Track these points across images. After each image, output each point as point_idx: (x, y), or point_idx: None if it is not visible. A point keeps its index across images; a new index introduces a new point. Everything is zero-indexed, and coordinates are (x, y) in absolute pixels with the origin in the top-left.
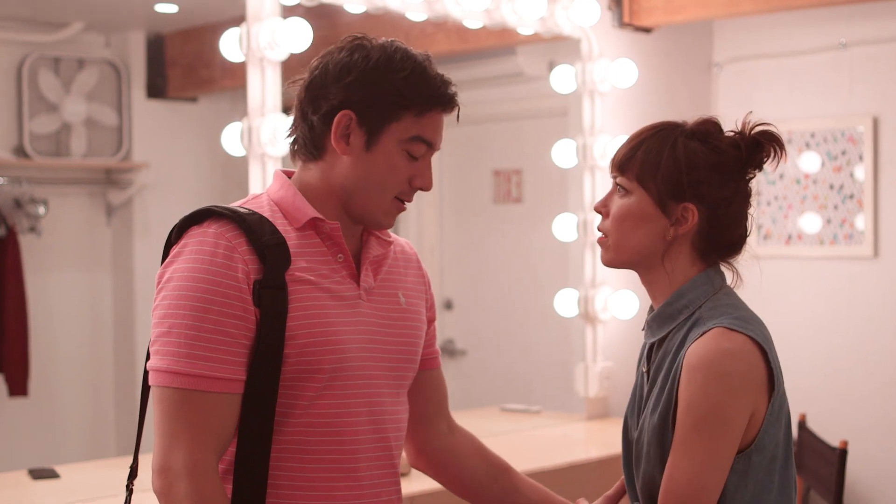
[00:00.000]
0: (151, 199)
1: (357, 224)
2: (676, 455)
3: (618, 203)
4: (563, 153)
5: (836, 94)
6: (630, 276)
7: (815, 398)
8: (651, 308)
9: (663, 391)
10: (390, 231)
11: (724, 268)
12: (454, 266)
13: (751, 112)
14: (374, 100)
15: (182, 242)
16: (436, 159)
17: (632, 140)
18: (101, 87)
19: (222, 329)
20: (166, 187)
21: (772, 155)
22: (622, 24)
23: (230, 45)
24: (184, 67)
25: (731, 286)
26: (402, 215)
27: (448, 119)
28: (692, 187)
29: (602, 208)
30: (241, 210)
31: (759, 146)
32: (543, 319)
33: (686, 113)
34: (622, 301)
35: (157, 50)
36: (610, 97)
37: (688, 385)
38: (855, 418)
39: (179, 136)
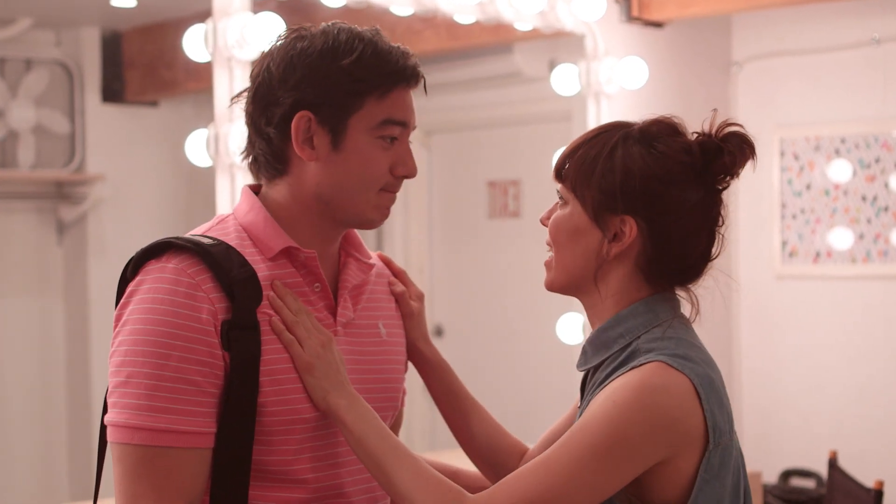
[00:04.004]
0: (108, 215)
1: (346, 228)
2: (542, 461)
3: (554, 215)
4: None
5: (868, 95)
6: None
7: (846, 434)
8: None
9: None
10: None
11: (680, 296)
12: (445, 288)
13: (715, 110)
14: (329, 93)
15: (138, 279)
16: (424, 170)
17: (573, 144)
18: (51, 91)
19: (186, 377)
20: (124, 202)
21: (741, 162)
22: (631, 18)
23: (195, 44)
24: (143, 68)
25: (689, 318)
26: (387, 232)
27: (433, 121)
28: (627, 198)
29: (546, 220)
30: (204, 241)
31: (721, 152)
32: (544, 347)
33: (702, 117)
34: None
35: (113, 49)
36: (617, 100)
37: (599, 401)
38: (891, 456)
39: (138, 144)
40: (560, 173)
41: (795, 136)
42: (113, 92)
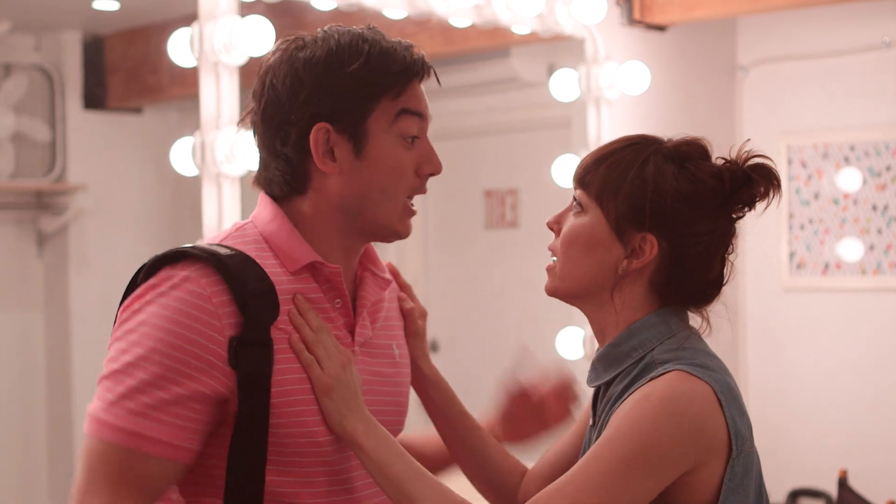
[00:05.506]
0: (90, 226)
1: (370, 240)
2: (571, 480)
3: (570, 222)
4: (565, 170)
5: (878, 101)
6: None
7: (857, 452)
8: (597, 350)
9: None
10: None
11: (691, 313)
12: (440, 301)
13: (748, 140)
14: (344, 101)
15: (150, 283)
16: None
17: (599, 151)
18: (31, 97)
19: (177, 391)
20: (107, 212)
21: (766, 194)
22: (632, 21)
23: (180, 48)
24: (126, 74)
25: (699, 333)
26: (381, 243)
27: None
28: (655, 216)
29: (555, 224)
30: (222, 251)
31: (749, 182)
32: (544, 362)
33: (706, 123)
34: None
35: (95, 54)
36: (618, 105)
37: (623, 410)
38: None
39: (121, 152)
40: (583, 180)
41: (803, 143)
42: (95, 98)
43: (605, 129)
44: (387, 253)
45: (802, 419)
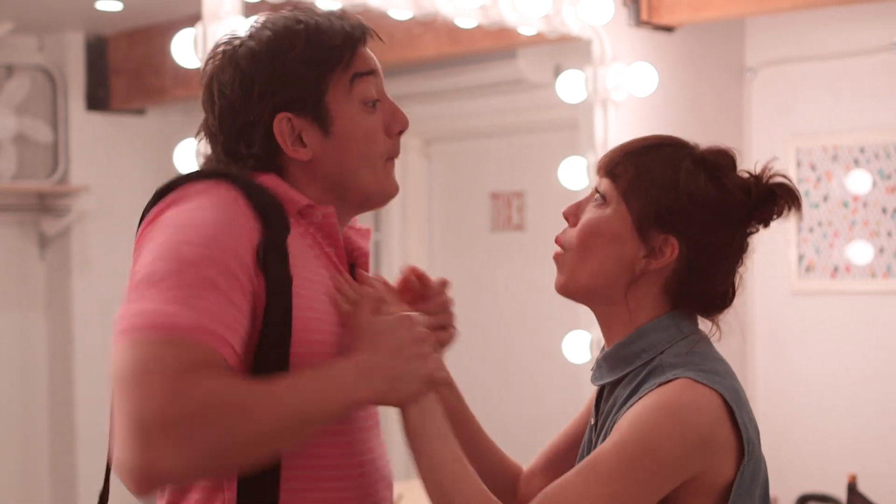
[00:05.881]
0: (92, 228)
1: (365, 209)
2: (571, 485)
3: (590, 212)
4: (572, 172)
5: (888, 103)
6: None
7: (866, 456)
8: (603, 348)
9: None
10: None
11: (701, 318)
12: None
13: (776, 158)
14: (297, 86)
15: (170, 198)
16: (424, 180)
17: (631, 146)
18: (33, 98)
19: (238, 293)
20: (109, 214)
21: (783, 213)
22: (640, 22)
23: (183, 49)
24: (129, 75)
25: (708, 337)
26: (385, 245)
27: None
28: (682, 219)
29: (572, 215)
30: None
31: (773, 198)
32: (550, 366)
33: (714, 125)
34: None
35: (98, 55)
36: (625, 107)
37: (630, 416)
38: None
39: (124, 154)
40: (613, 171)
41: (812, 145)
42: (98, 99)
43: (613, 130)
44: (391, 254)
45: (811, 423)
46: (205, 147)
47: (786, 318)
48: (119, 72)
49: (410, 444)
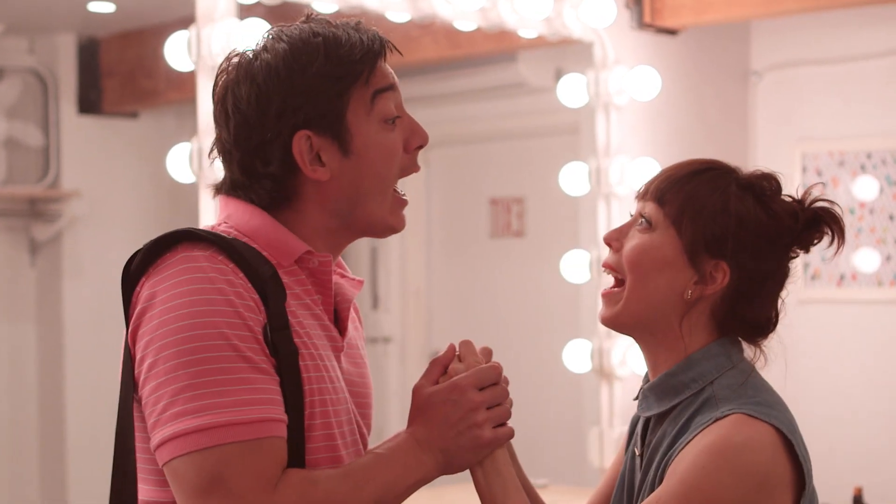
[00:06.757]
0: (84, 234)
1: (362, 236)
2: None
3: (636, 239)
4: (573, 178)
5: None
6: None
7: (873, 468)
8: (646, 378)
9: (656, 479)
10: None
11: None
12: (444, 311)
13: (822, 184)
14: (318, 103)
15: (161, 277)
16: (422, 186)
17: (677, 171)
18: (24, 101)
19: (255, 364)
20: (101, 220)
21: (826, 239)
22: (642, 25)
23: (177, 52)
24: (122, 77)
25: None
26: (383, 252)
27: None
28: (733, 245)
29: (615, 241)
30: (223, 235)
31: (817, 223)
32: (550, 376)
33: (718, 130)
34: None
35: (90, 57)
36: (628, 111)
37: (686, 462)
38: None
39: (117, 158)
40: (662, 198)
41: (818, 150)
42: (90, 102)
43: (614, 135)
44: (389, 261)
45: (816, 434)
46: (216, 163)
47: (791, 327)
48: (111, 74)
49: (481, 500)
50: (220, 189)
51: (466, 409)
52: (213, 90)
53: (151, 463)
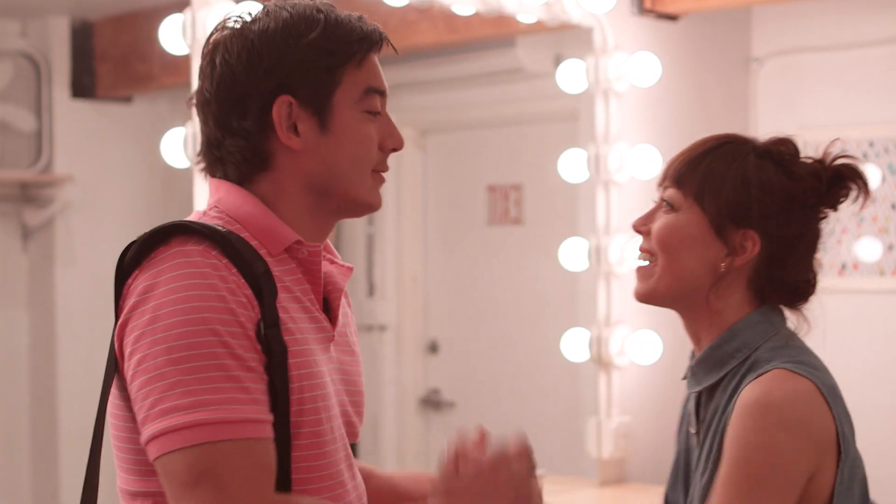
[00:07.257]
0: (77, 219)
1: (343, 217)
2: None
3: (662, 220)
4: (572, 165)
5: None
6: (652, 313)
7: (878, 462)
8: (692, 354)
9: (712, 450)
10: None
11: (787, 312)
12: (441, 300)
13: (838, 139)
14: (307, 71)
15: (155, 272)
16: (419, 172)
17: (692, 151)
18: (16, 85)
19: (247, 364)
20: (94, 205)
21: (851, 194)
22: (643, 10)
23: (172, 35)
24: (116, 61)
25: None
26: (378, 239)
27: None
28: (758, 213)
29: (642, 226)
30: (218, 227)
31: (841, 180)
32: (548, 365)
33: (719, 117)
34: (642, 343)
35: (83, 40)
36: (628, 98)
37: (737, 428)
38: None
39: (110, 143)
40: (680, 180)
41: (820, 138)
42: (83, 87)
43: (614, 122)
44: (385, 248)
45: None
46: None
47: (791, 317)
48: (105, 58)
49: None
50: (208, 167)
51: (491, 493)
52: (204, 45)
53: (134, 453)
